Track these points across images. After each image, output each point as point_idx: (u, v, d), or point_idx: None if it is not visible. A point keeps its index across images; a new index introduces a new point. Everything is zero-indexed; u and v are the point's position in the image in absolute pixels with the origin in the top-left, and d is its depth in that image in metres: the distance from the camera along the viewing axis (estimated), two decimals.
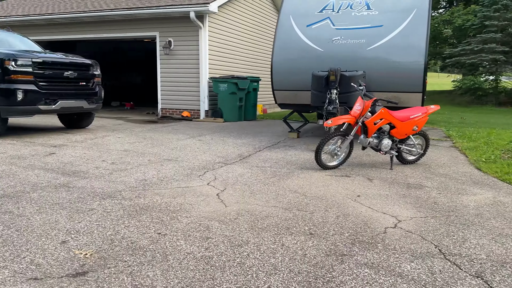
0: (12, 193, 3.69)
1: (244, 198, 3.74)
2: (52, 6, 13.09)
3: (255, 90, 11.32)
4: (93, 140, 6.92)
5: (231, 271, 2.29)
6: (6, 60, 6.51)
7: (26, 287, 2.06)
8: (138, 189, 3.96)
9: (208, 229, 2.92)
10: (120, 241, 2.67)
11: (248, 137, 7.64)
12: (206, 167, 5.03)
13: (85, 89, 7.64)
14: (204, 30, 10.57)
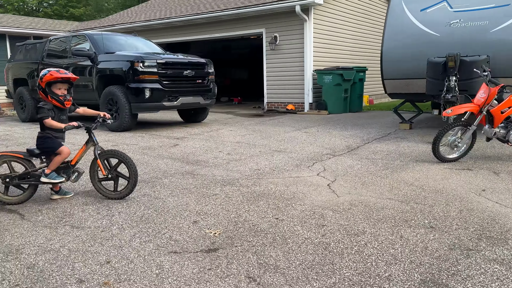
0: (148, 179, 4.21)
1: (356, 189, 3.73)
2: (169, 11, 14.34)
3: (361, 80, 11.03)
4: (209, 133, 7.48)
5: (349, 258, 2.35)
6: (136, 62, 7.36)
7: (168, 259, 2.38)
8: (253, 178, 4.21)
9: (322, 217, 3.01)
10: (243, 223, 2.91)
11: (355, 129, 7.51)
12: (314, 158, 5.11)
13: (201, 86, 8.26)
14: (309, 22, 10.61)
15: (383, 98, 14.93)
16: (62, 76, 3.32)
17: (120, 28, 14.37)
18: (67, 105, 3.42)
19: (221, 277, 2.15)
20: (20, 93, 9.82)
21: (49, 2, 39.27)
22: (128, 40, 8.94)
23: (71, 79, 3.40)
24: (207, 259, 2.36)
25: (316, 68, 10.87)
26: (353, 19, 12.60)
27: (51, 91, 3.34)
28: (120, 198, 3.49)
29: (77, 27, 17.75)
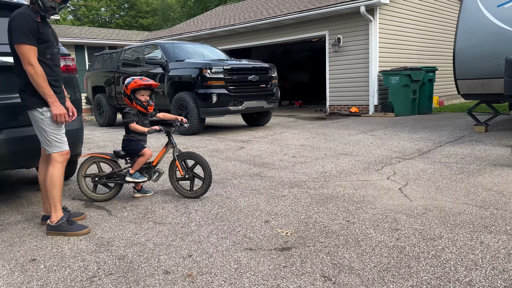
0: (219, 180, 4.41)
1: (430, 194, 3.63)
2: (233, 18, 14.75)
3: (430, 81, 10.58)
4: (272, 136, 7.61)
5: (426, 262, 2.31)
6: (204, 69, 7.69)
7: (245, 255, 2.50)
8: (320, 180, 4.24)
9: (395, 221, 2.97)
10: (313, 225, 2.96)
11: (425, 132, 7.23)
12: (383, 161, 5.02)
13: (265, 90, 8.43)
14: (374, 23, 10.40)
15: (455, 99, 14.18)
16: (145, 83, 3.60)
17: (187, 37, 15.05)
18: (150, 110, 3.69)
19: (297, 274, 2.22)
20: (98, 99, 10.65)
21: (120, 13, 41.99)
22: (196, 48, 9.36)
23: (153, 85, 3.68)
24: (281, 257, 2.44)
25: (381, 69, 10.61)
26: (421, 17, 12.12)
27: (135, 98, 3.63)
28: (196, 197, 3.70)
29: (148, 37, 18.84)
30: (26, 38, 2.75)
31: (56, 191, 2.95)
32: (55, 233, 2.94)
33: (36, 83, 2.80)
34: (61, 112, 2.89)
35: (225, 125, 10.00)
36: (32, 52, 2.78)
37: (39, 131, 2.96)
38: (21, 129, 3.41)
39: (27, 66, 2.77)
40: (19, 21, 2.76)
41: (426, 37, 12.45)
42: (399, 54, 11.42)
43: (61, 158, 2.97)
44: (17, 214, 3.49)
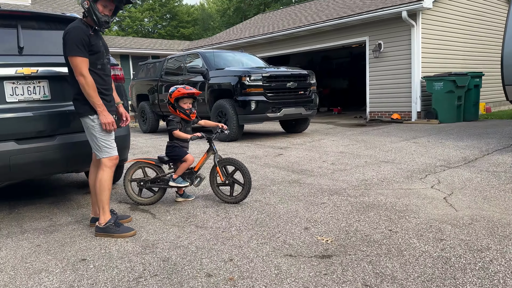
0: (257, 186, 4.45)
1: (477, 204, 3.49)
2: (272, 26, 14.88)
3: (476, 86, 10.17)
4: (311, 143, 7.58)
5: (473, 274, 2.23)
6: (243, 77, 7.80)
7: (285, 261, 2.51)
8: (361, 188, 4.18)
9: (440, 231, 2.89)
10: (354, 233, 2.93)
11: (471, 139, 6.95)
12: (427, 170, 4.88)
13: (303, 97, 8.42)
14: (416, 28, 10.15)
15: (503, 106, 13.55)
16: (187, 92, 3.72)
17: (227, 45, 15.32)
18: (192, 118, 3.81)
19: (338, 282, 2.21)
20: (142, 107, 11.05)
21: (162, 24, 43.39)
22: (235, 56, 9.52)
23: (195, 94, 3.79)
24: (322, 265, 2.43)
25: (424, 74, 10.33)
26: (466, 21, 11.71)
27: (179, 106, 3.76)
28: (236, 203, 3.76)
29: (189, 46, 19.36)
30: (78, 50, 2.94)
31: (105, 195, 3.11)
32: (103, 235, 3.09)
33: (86, 92, 2.98)
34: (109, 121, 3.05)
35: (263, 132, 10.06)
36: (84, 63, 2.97)
37: (90, 137, 3.13)
38: (73, 135, 3.62)
39: (79, 76, 2.96)
40: (72, 35, 2.95)
41: (471, 41, 12.00)
42: (443, 59, 11.07)
43: (110, 163, 3.12)
44: (67, 216, 3.69)
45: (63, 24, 3.85)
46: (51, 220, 3.59)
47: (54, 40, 3.72)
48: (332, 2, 15.18)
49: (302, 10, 16.34)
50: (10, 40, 3.46)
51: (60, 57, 3.60)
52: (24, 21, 3.61)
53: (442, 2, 10.78)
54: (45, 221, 3.57)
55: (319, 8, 15.09)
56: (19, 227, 3.43)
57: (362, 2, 12.62)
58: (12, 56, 3.42)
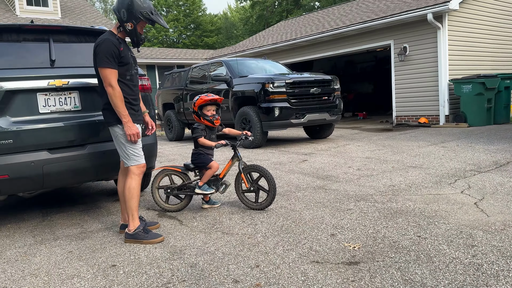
0: (282, 192, 4.45)
1: (510, 209, 3.37)
2: (294, 33, 14.90)
3: (507, 88, 9.86)
4: (336, 148, 7.51)
5: (506, 281, 2.16)
6: (266, 83, 7.84)
7: (311, 268, 2.50)
8: (388, 194, 4.11)
9: (471, 237, 2.81)
10: (382, 239, 2.88)
11: (502, 143, 6.73)
12: (456, 174, 4.75)
13: (327, 102, 8.38)
14: (443, 30, 9.95)
15: None
16: (210, 99, 3.78)
17: (250, 53, 15.44)
18: (216, 124, 3.86)
19: None
20: (168, 116, 11.25)
21: (186, 34, 44.15)
22: (259, 64, 9.58)
23: (218, 100, 3.84)
24: (349, 271, 2.41)
25: (452, 77, 10.09)
26: (494, 22, 11.40)
27: (202, 113, 3.82)
28: (261, 209, 3.78)
29: (213, 55, 19.61)
30: (108, 62, 3.05)
31: (134, 202, 3.18)
32: (132, 241, 3.16)
33: (113, 103, 3.08)
34: (133, 132, 3.12)
35: (288, 138, 10.05)
36: (113, 75, 3.07)
37: (119, 146, 3.22)
38: (102, 144, 3.73)
39: (108, 87, 3.06)
40: (103, 47, 3.07)
41: (500, 42, 11.65)
42: (471, 62, 10.79)
43: (138, 171, 3.20)
44: (98, 223, 3.79)
45: (92, 37, 3.99)
46: (82, 227, 3.70)
47: (84, 52, 3.86)
48: (356, 6, 15.09)
49: (325, 15, 16.31)
50: (43, 53, 3.62)
51: (89, 68, 3.74)
52: (56, 35, 3.76)
53: (468, 3, 10.54)
54: (76, 228, 3.68)
55: (342, 13, 15.02)
56: (52, 234, 3.55)
57: (386, 6, 12.48)
58: (44, 68, 3.56)
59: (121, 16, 3.11)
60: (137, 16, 3.10)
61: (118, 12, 3.12)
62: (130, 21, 3.11)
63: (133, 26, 3.12)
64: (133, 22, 3.11)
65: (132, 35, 3.17)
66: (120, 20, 3.13)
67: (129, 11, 3.08)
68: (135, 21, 3.11)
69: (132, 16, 3.09)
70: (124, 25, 3.14)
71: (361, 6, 14.67)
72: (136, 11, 3.08)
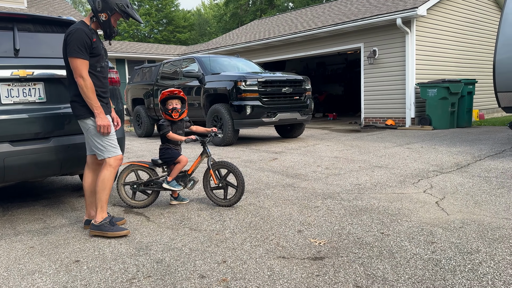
0: (252, 190, 4.47)
1: (468, 208, 3.53)
2: (268, 32, 14.97)
3: (470, 93, 10.28)
4: (305, 148, 7.62)
5: (462, 275, 2.26)
6: (239, 81, 7.84)
7: (278, 263, 2.53)
8: (354, 192, 4.21)
9: (431, 234, 2.92)
10: (347, 236, 2.96)
11: (464, 145, 7.03)
12: (420, 175, 4.92)
13: (298, 102, 8.47)
14: (411, 35, 10.27)
15: (496, 113, 13.69)
16: (169, 91, 3.77)
17: (223, 50, 15.39)
18: (175, 116, 3.78)
19: (329, 283, 2.23)
20: (138, 111, 11.05)
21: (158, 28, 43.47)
22: (231, 61, 9.56)
23: (178, 93, 3.80)
24: (314, 266, 2.46)
25: (419, 81, 10.43)
26: (459, 29, 11.86)
27: (164, 108, 3.80)
28: (229, 206, 3.78)
29: (185, 51, 19.40)
30: (79, 52, 2.97)
31: (105, 194, 3.13)
32: (97, 233, 3.10)
33: (85, 94, 3.00)
34: (106, 123, 3.07)
35: (259, 136, 10.10)
36: (84, 65, 3.00)
37: (92, 139, 3.13)
38: (67, 138, 3.64)
39: (79, 78, 2.98)
40: (75, 36, 2.98)
41: (465, 48, 12.15)
42: (437, 66, 11.19)
43: (115, 163, 3.15)
44: (61, 218, 3.69)
45: (60, 27, 3.88)
46: (45, 222, 3.59)
47: (50, 42, 3.74)
48: (328, 9, 15.32)
49: (298, 16, 16.47)
50: (6, 42, 3.48)
51: (56, 59, 3.63)
52: (20, 24, 3.63)
53: (436, 10, 10.92)
54: (39, 223, 3.57)
55: (314, 14, 15.22)
56: (13, 229, 3.43)
57: (357, 9, 12.75)
58: (7, 58, 3.43)
59: (95, 5, 3.05)
60: (112, 7, 3.06)
61: (93, 1, 3.05)
62: (105, 11, 3.06)
63: (107, 17, 3.08)
64: (108, 13, 3.06)
65: (105, 26, 3.11)
66: (95, 10, 3.07)
67: (104, 2, 3.04)
68: (110, 12, 3.07)
69: (107, 7, 3.05)
70: (98, 15, 3.08)
71: (333, 8, 14.91)
72: (111, 3, 3.05)
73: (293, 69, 17.99)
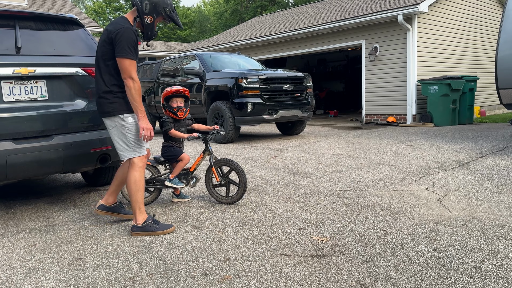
0: (254, 187, 4.47)
1: (470, 205, 3.53)
2: (268, 29, 14.93)
3: (471, 90, 10.26)
4: (307, 145, 7.61)
5: (465, 273, 2.26)
6: (240, 79, 7.83)
7: (280, 260, 2.54)
8: (356, 190, 4.21)
9: (434, 231, 2.92)
10: (349, 233, 2.96)
11: (465, 142, 7.02)
12: (421, 172, 4.92)
13: (300, 99, 8.46)
14: (412, 32, 10.24)
15: (497, 110, 13.68)
16: (174, 90, 3.75)
17: (224, 47, 15.35)
18: (180, 115, 3.79)
19: (332, 281, 2.24)
20: None
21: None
22: (232, 58, 9.55)
23: (183, 92, 3.79)
24: (317, 264, 2.46)
25: (420, 78, 10.41)
26: (461, 25, 11.82)
27: (168, 105, 3.79)
28: (232, 203, 3.79)
29: (186, 48, 19.37)
30: (129, 52, 2.92)
31: (140, 195, 3.10)
32: (142, 233, 3.06)
33: (132, 96, 2.95)
34: (150, 127, 3.03)
35: (260, 134, 10.09)
36: (134, 66, 2.96)
37: (119, 137, 3.08)
38: (69, 135, 3.63)
39: (128, 79, 2.92)
40: (125, 36, 2.91)
41: (466, 45, 12.11)
42: (438, 63, 11.17)
43: (141, 163, 3.11)
44: (64, 216, 3.70)
45: (61, 25, 3.87)
46: (47, 220, 3.60)
47: (52, 40, 3.74)
48: (329, 5, 15.27)
49: (299, 13, 16.42)
50: (8, 40, 3.48)
51: (57, 57, 3.64)
52: (22, 21, 3.62)
53: (437, 7, 10.88)
54: (41, 221, 3.57)
55: (315, 11, 15.17)
56: (15, 226, 3.44)
57: (358, 5, 12.71)
58: (9, 56, 3.43)
59: (143, 7, 3.01)
60: (159, 11, 3.05)
61: (141, 3, 3.01)
62: (151, 14, 3.04)
63: (152, 20, 3.06)
64: (154, 16, 3.05)
65: (148, 29, 3.09)
66: (141, 12, 3.02)
67: (152, 5, 3.02)
68: (156, 15, 3.06)
69: (155, 11, 3.03)
70: (143, 17, 3.03)
71: (334, 5, 14.86)
72: (159, 6, 3.04)
73: (294, 66, 17.95)
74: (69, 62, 3.69)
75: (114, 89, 3.03)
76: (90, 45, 3.94)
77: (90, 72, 3.78)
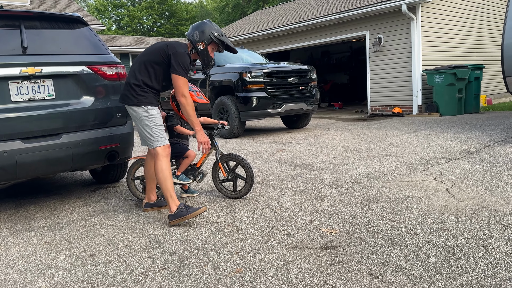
0: (261, 181, 4.49)
1: (479, 194, 3.52)
2: (271, 22, 14.87)
3: (477, 79, 10.18)
4: (313, 138, 7.61)
5: (476, 262, 2.26)
6: (244, 73, 7.83)
7: (290, 253, 2.55)
8: (363, 181, 4.21)
9: (443, 221, 2.92)
10: (358, 225, 2.97)
11: (472, 131, 6.98)
12: (429, 162, 4.91)
13: (304, 92, 8.45)
14: (416, 21, 10.16)
15: (504, 98, 13.56)
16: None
17: None
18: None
19: (343, 272, 2.25)
20: None
21: (161, 22, 43.33)
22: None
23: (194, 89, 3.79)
24: (327, 256, 2.47)
25: (425, 68, 10.34)
26: (466, 14, 11.70)
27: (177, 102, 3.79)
28: (239, 197, 3.80)
29: None
30: (184, 72, 3.24)
31: (169, 182, 3.25)
32: (177, 221, 3.15)
33: (188, 112, 3.28)
34: (206, 140, 3.40)
35: (265, 128, 10.09)
36: (186, 85, 3.29)
37: (143, 128, 3.29)
38: (77, 133, 3.66)
39: (181, 97, 3.25)
40: (184, 59, 3.22)
41: (471, 34, 11.99)
42: (444, 52, 11.07)
43: (165, 152, 3.28)
44: (74, 213, 3.73)
45: (66, 24, 3.89)
46: (58, 217, 3.64)
47: (57, 39, 3.76)
48: None
49: (302, 5, 16.32)
50: (14, 40, 3.50)
51: (64, 56, 3.66)
52: (27, 21, 3.64)
53: None
54: (52, 218, 3.61)
55: (318, 3, 15.07)
56: (27, 225, 3.48)
57: None
58: (16, 56, 3.45)
59: (194, 37, 3.36)
60: (208, 36, 3.35)
61: (192, 35, 3.36)
62: (202, 40, 3.35)
63: (205, 46, 3.36)
64: (205, 42, 3.35)
65: (203, 55, 3.39)
66: (193, 41, 3.36)
67: (201, 32, 3.35)
68: (207, 41, 3.35)
69: (204, 36, 3.34)
70: (196, 45, 3.36)
71: None
72: (207, 32, 3.34)
73: (298, 59, 17.87)
74: (75, 61, 3.71)
75: (143, 86, 3.28)
76: (95, 43, 3.96)
77: (96, 70, 3.80)
